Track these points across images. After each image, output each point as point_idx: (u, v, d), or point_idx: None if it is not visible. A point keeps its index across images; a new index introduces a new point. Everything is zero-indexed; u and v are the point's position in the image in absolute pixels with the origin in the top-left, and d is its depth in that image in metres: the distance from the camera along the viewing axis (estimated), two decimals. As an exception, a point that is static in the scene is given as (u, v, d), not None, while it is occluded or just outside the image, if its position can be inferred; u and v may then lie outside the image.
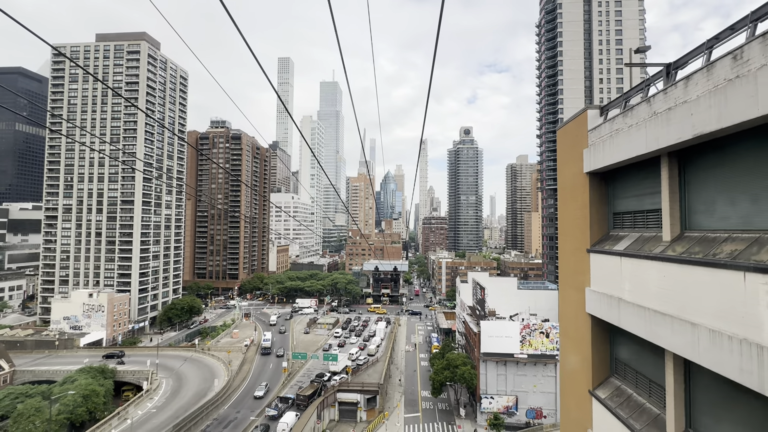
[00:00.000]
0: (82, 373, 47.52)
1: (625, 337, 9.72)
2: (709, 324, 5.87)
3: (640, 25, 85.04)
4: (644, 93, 8.30)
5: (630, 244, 9.24)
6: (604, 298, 9.91)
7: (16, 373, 55.73)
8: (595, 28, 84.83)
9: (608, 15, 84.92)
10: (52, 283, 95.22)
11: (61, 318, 77.28)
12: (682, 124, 6.39)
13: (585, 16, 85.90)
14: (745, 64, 5.16)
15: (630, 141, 8.34)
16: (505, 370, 49.40)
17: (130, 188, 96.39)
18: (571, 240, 11.92)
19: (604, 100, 79.94)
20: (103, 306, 77.87)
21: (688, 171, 7.25)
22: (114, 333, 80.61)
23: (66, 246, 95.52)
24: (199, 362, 63.38)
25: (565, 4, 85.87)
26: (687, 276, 6.58)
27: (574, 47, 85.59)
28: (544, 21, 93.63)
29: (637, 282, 8.58)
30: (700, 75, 6.02)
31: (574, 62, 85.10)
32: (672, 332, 6.89)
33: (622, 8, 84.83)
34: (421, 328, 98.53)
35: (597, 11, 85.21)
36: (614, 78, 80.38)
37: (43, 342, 68.85)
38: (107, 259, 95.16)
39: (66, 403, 40.11)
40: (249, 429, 43.37)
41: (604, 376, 10.78)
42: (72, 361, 62.12)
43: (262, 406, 50.29)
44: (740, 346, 5.16)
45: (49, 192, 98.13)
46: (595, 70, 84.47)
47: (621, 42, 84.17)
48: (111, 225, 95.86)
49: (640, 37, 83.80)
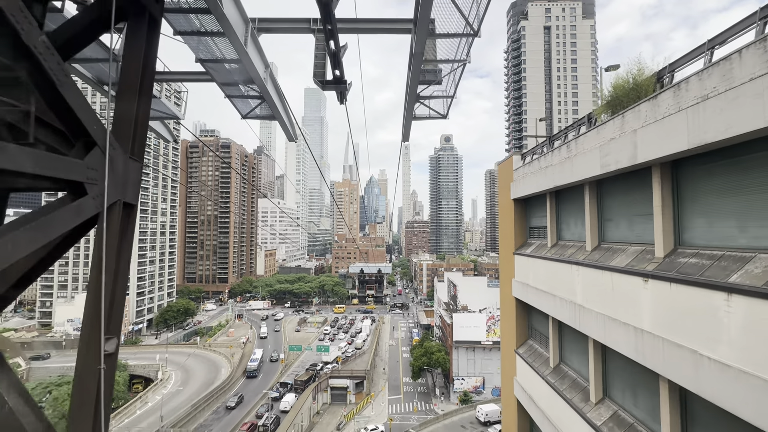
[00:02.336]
0: (102, 366, 53.44)
1: (534, 311, 14.44)
2: (562, 296, 11.32)
3: (592, 55, 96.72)
4: (541, 151, 13.45)
5: (534, 248, 14.23)
6: (522, 285, 14.63)
7: (32, 370, 60.75)
8: (554, 57, 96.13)
9: (564, 46, 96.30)
10: (51, 288, 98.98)
11: (65, 320, 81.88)
12: (553, 176, 11.81)
13: (545, 46, 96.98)
14: (577, 147, 13.40)
15: (531, 182, 13.65)
16: (474, 355, 57.97)
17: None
18: (506, 246, 17.14)
19: (562, 120, 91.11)
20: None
21: (559, 203, 12.66)
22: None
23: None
24: (202, 357, 69.64)
25: (528, 36, 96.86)
26: (555, 269, 11.67)
27: (535, 73, 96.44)
28: (511, 48, 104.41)
29: (535, 273, 13.44)
30: (558, 152, 13.55)
31: (536, 86, 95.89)
32: (549, 303, 12.02)
33: (576, 40, 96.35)
34: (403, 325, 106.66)
35: (555, 42, 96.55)
36: (570, 101, 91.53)
37: (50, 343, 73.52)
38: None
39: (96, 389, 45.86)
40: (256, 407, 50.68)
41: (524, 339, 15.83)
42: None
43: (263, 391, 57.46)
44: (604, 322, 9.26)
45: (47, 200, 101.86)
46: (554, 93, 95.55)
47: (576, 69, 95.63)
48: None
49: (592, 65, 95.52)
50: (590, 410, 10.92)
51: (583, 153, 11.03)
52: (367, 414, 50.06)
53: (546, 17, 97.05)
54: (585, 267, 10.83)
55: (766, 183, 6.09)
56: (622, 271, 9.04)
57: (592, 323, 10.44)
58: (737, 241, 6.60)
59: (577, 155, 11.34)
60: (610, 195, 10.56)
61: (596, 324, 10.14)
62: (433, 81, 9.06)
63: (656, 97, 7.98)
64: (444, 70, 8.89)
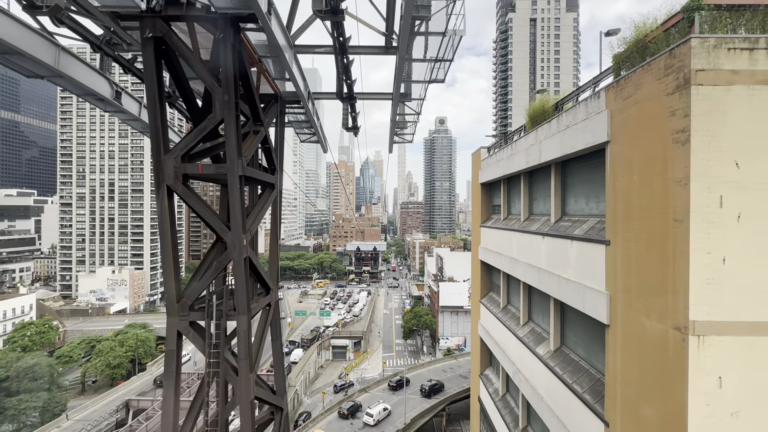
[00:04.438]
0: (131, 328, 58.67)
1: (493, 269, 18.72)
2: (506, 253, 15.77)
3: (574, 47, 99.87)
4: (498, 146, 20.39)
5: (492, 221, 19.68)
6: (484, 250, 18.87)
7: (68, 333, 65.88)
8: (539, 48, 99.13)
9: (549, 38, 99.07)
10: (70, 264, 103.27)
11: (87, 291, 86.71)
12: (504, 167, 16.17)
13: (531, 38, 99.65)
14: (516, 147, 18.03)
15: (492, 171, 17.75)
16: (457, 318, 63.97)
17: (140, 178, 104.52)
18: (476, 220, 22.18)
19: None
20: (126, 280, 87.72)
21: (509, 187, 16.77)
22: (135, 303, 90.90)
23: (81, 230, 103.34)
24: (216, 323, 75.31)
25: (515, 27, 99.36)
26: (504, 235, 15.96)
27: (521, 63, 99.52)
28: (499, 39, 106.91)
29: (492, 240, 17.71)
30: (507, 149, 18.60)
31: (521, 76, 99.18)
32: (499, 260, 16.40)
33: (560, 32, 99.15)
34: (396, 297, 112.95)
35: (540, 33, 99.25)
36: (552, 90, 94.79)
37: (77, 311, 78.62)
38: (120, 241, 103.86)
39: (130, 345, 51.60)
40: (269, 360, 56.68)
41: (486, 292, 20.32)
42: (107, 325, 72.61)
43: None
44: (533, 267, 13.30)
45: (62, 182, 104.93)
46: (538, 83, 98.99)
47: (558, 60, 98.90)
48: (123, 211, 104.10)
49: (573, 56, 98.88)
50: (519, 329, 15.84)
51: (518, 153, 15.58)
52: (364, 367, 56.27)
53: (532, 9, 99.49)
54: (518, 232, 15.57)
55: (590, 179, 10.75)
56: (534, 233, 13.77)
57: (520, 270, 15.24)
58: (584, 211, 11.29)
59: (515, 153, 15.93)
60: (534, 182, 15.18)
61: (522, 269, 14.93)
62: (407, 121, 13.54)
63: (550, 121, 12.54)
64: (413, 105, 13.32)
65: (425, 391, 38.63)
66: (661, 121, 7.37)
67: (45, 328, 56.55)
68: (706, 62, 6.75)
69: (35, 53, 6.96)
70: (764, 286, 6.69)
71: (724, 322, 6.69)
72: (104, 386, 50.16)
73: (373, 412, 33.89)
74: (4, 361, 40.45)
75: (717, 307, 6.69)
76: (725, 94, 6.74)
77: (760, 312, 6.69)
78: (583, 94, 11.76)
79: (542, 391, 12.79)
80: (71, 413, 38.54)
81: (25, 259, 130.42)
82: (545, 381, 12.63)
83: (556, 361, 12.35)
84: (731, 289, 6.70)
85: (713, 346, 6.70)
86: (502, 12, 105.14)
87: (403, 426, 31.15)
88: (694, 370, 6.69)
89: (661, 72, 7.40)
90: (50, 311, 68.66)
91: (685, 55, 6.86)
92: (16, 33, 6.60)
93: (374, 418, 33.30)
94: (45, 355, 48.48)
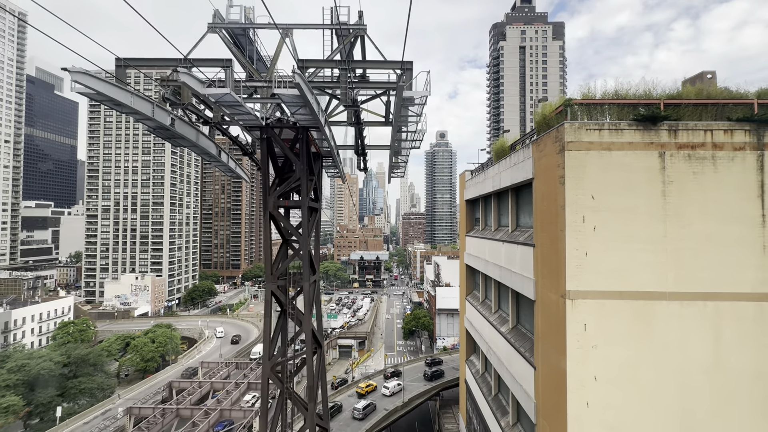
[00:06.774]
0: (158, 328, 62.82)
1: (476, 271, 22.92)
2: (482, 257, 22.13)
3: (560, 72, 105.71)
4: (478, 171, 25.49)
5: (474, 232, 25.67)
6: (468, 255, 23.73)
7: (99, 333, 69.90)
8: (528, 73, 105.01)
9: (537, 63, 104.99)
10: (94, 271, 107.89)
11: (113, 296, 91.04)
12: (480, 188, 23.84)
13: (521, 63, 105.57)
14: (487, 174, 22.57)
15: (473, 190, 22.91)
16: (452, 320, 67.54)
17: (160, 192, 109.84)
18: (462, 230, 27.97)
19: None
20: (148, 286, 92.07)
21: (485, 204, 22.30)
22: (156, 307, 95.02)
23: (105, 240, 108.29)
24: (233, 324, 79.12)
25: (506, 54, 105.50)
26: (481, 243, 21.92)
27: (511, 87, 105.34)
28: (492, 64, 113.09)
29: (473, 246, 23.65)
30: (482, 174, 23.14)
31: (512, 98, 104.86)
32: (478, 263, 21.72)
33: (547, 58, 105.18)
34: (398, 303, 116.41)
35: (529, 60, 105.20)
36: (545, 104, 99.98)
37: (103, 314, 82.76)
38: (141, 250, 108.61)
39: (160, 342, 55.79)
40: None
41: (470, 290, 25.87)
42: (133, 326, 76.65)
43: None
44: (497, 266, 21.75)
45: (89, 196, 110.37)
46: (527, 104, 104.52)
47: (546, 84, 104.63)
48: (144, 222, 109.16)
49: (560, 80, 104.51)
50: (491, 316, 19.99)
51: (489, 178, 20.04)
52: (368, 364, 59.87)
53: (522, 38, 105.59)
54: (489, 240, 19.92)
55: (528, 202, 15.15)
56: (498, 240, 18.10)
57: (490, 269, 19.52)
58: (527, 223, 15.63)
59: (487, 179, 20.41)
60: (501, 201, 19.58)
61: (492, 269, 19.22)
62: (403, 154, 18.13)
63: (506, 158, 16.99)
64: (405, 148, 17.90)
65: (427, 375, 44.96)
66: (554, 169, 11.82)
67: (84, 326, 61.32)
68: (573, 136, 11.22)
69: (189, 136, 11.99)
70: (609, 269, 11.00)
71: (587, 291, 10.99)
72: (136, 379, 54.24)
73: (389, 385, 41.95)
74: (64, 349, 45.38)
75: (582, 282, 11.01)
76: (585, 155, 11.20)
77: (607, 284, 11.00)
78: (527, 140, 16.24)
79: (503, 357, 16.97)
80: (122, 393, 45.01)
81: (48, 267, 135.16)
82: (505, 350, 16.81)
83: (512, 334, 16.56)
84: (590, 271, 11.03)
85: (580, 305, 10.99)
86: (494, 40, 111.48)
87: (411, 397, 39.84)
88: (570, 320, 10.96)
89: (553, 139, 11.88)
90: (85, 313, 72.89)
91: (561, 132, 11.36)
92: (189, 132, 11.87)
93: (390, 390, 41.53)
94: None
